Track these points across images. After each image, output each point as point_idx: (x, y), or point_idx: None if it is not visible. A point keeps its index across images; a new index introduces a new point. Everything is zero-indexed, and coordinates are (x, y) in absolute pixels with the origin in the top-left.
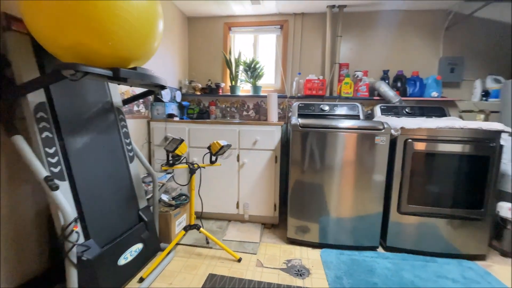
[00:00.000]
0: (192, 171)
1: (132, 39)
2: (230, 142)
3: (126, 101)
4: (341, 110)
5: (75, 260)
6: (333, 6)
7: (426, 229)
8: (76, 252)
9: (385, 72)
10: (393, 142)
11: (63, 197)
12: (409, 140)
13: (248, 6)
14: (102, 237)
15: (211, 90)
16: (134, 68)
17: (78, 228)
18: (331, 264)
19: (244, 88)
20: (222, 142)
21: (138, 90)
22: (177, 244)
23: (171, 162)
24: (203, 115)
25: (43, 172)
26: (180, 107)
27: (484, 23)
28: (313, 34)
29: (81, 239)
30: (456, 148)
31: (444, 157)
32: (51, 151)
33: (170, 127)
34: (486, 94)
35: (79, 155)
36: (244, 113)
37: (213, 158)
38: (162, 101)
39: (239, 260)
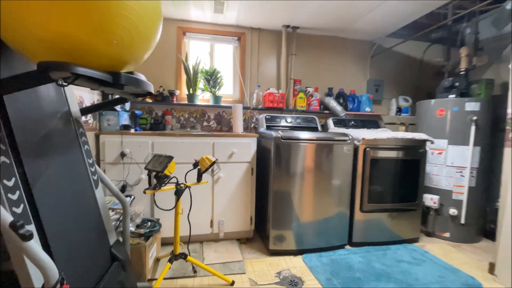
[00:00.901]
0: (179, 192)
1: (140, 39)
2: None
3: (84, 111)
4: (302, 122)
5: None
6: (288, 26)
7: (380, 222)
8: None
9: (330, 89)
10: (355, 151)
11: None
12: (368, 148)
13: (209, 13)
14: None
15: (164, 98)
16: (130, 73)
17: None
18: (317, 268)
19: (203, 98)
20: (212, 157)
21: (86, 96)
22: (152, 279)
23: (156, 184)
24: (158, 126)
25: (6, 216)
26: (133, 116)
27: (398, 55)
28: (269, 49)
29: None
30: (399, 154)
31: (391, 161)
32: (10, 183)
33: (128, 140)
34: (399, 110)
35: (44, 185)
36: (205, 123)
37: (200, 175)
38: (115, 110)
39: (232, 284)
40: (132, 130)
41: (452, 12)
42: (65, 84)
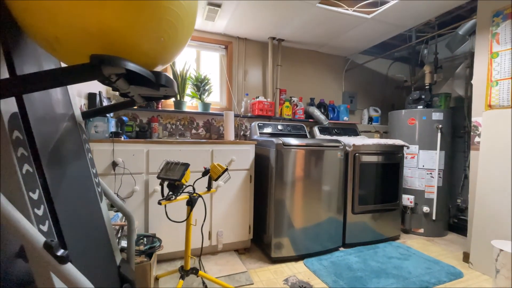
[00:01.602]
0: (192, 202)
1: (182, 36)
2: (203, 163)
3: (87, 115)
4: (292, 130)
5: None
6: (274, 38)
7: (368, 223)
8: None
9: (312, 99)
10: (346, 156)
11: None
12: (357, 154)
13: (199, 20)
14: None
15: (148, 104)
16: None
17: None
18: (321, 271)
19: (192, 105)
20: (222, 165)
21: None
22: None
23: (170, 194)
24: (144, 133)
25: (38, 235)
26: (119, 123)
27: (369, 70)
28: (255, 59)
29: None
30: (382, 158)
31: (375, 165)
32: (35, 196)
33: (119, 149)
34: (371, 119)
35: (62, 198)
36: (193, 131)
37: (210, 183)
38: (104, 115)
39: None
40: (122, 138)
41: (416, 35)
42: (111, 80)
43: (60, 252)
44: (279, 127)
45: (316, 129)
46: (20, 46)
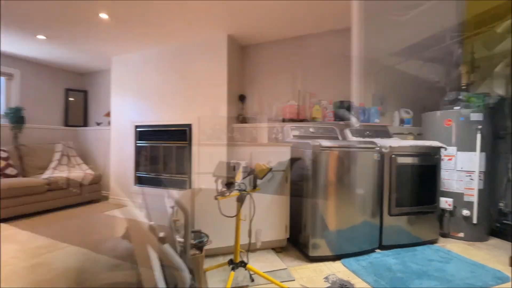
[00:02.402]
0: (243, 198)
1: None
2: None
3: None
4: (324, 132)
5: None
6: (301, 43)
7: (405, 225)
8: None
9: (341, 102)
10: (382, 158)
11: None
12: (393, 155)
13: None
14: None
15: None
16: None
17: None
18: (360, 271)
19: None
20: (267, 164)
21: None
22: None
23: (224, 191)
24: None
25: (144, 220)
26: None
27: (399, 72)
28: (284, 63)
29: None
30: (419, 160)
31: (412, 167)
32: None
33: None
34: (402, 121)
35: None
36: (228, 134)
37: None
38: None
39: None
40: None
41: (450, 35)
42: None
43: (161, 234)
44: (311, 129)
45: (347, 132)
46: None
